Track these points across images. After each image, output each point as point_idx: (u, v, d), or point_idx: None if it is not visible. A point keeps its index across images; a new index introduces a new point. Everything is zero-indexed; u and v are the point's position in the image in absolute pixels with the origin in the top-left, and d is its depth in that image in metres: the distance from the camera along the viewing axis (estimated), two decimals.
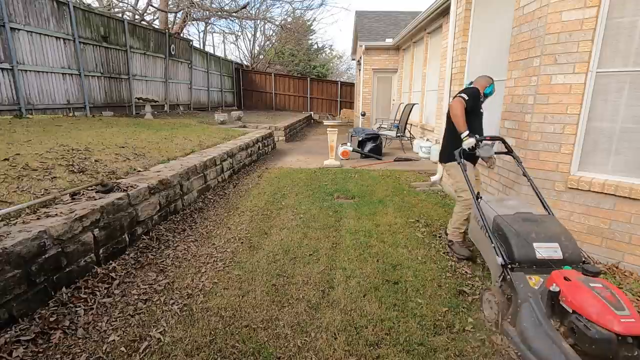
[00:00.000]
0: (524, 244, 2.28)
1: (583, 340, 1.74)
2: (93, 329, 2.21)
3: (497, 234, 2.47)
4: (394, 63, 13.58)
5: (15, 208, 2.60)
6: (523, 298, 2.08)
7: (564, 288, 1.90)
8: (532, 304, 2.03)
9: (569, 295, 1.86)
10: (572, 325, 1.81)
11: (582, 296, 1.81)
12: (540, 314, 1.97)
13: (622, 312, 1.70)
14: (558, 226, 2.46)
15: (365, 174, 6.77)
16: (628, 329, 1.65)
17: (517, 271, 2.22)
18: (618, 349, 1.66)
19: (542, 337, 1.88)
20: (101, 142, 5.08)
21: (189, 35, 23.45)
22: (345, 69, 36.51)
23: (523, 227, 2.37)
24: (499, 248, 2.37)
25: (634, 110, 2.95)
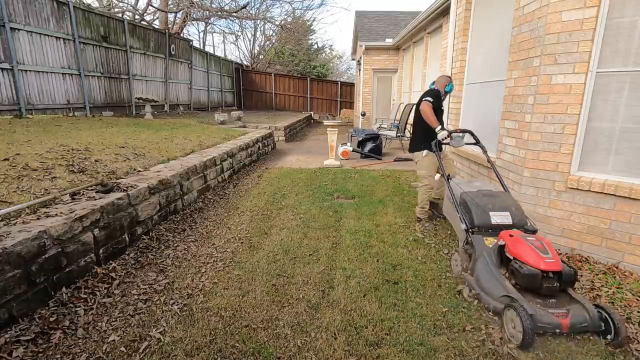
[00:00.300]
0: (482, 213, 2.89)
1: (519, 277, 2.35)
2: (93, 329, 2.21)
3: (462, 207, 3.08)
4: (394, 63, 13.58)
5: (15, 208, 2.60)
6: (479, 253, 2.69)
7: (508, 242, 2.53)
8: (486, 257, 2.65)
9: (511, 246, 2.49)
10: (512, 268, 2.43)
11: (520, 246, 2.43)
12: (491, 263, 2.61)
13: (546, 256, 2.32)
14: (510, 199, 3.06)
15: (365, 174, 6.78)
16: (549, 266, 2.28)
17: (476, 234, 2.82)
18: (542, 281, 2.28)
19: (492, 280, 2.54)
20: (101, 142, 5.08)
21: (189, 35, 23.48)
22: (345, 69, 36.55)
23: (482, 201, 2.98)
24: (464, 217, 2.99)
25: (634, 110, 2.95)
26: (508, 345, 2.14)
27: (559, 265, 2.31)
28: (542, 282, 2.29)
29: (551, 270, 2.29)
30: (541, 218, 3.48)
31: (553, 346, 2.14)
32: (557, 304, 2.29)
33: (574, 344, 2.16)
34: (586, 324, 2.15)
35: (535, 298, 2.32)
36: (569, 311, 2.20)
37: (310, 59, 29.15)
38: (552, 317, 2.16)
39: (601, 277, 2.90)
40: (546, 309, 2.22)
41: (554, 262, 2.30)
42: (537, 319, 2.12)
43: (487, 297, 2.48)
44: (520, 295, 2.29)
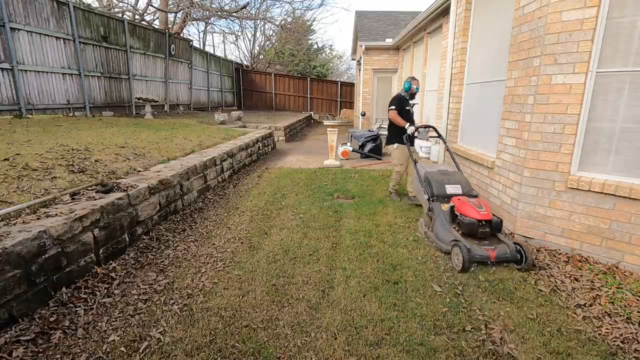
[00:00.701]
0: (440, 186, 3.80)
1: (462, 226, 3.29)
2: (93, 329, 2.21)
3: (426, 182, 3.97)
4: (394, 63, 13.57)
5: (15, 208, 2.60)
6: (437, 215, 3.62)
7: (457, 204, 3.47)
8: (442, 217, 3.57)
9: (458, 206, 3.44)
10: (458, 221, 3.38)
11: (463, 205, 3.38)
12: (446, 221, 3.52)
13: (481, 210, 3.25)
14: (461, 176, 4.00)
15: (365, 174, 6.78)
16: (483, 216, 3.21)
17: (436, 202, 3.71)
18: (478, 227, 3.21)
19: (445, 232, 3.44)
20: (101, 142, 5.08)
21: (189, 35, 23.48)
22: (345, 69, 36.53)
23: (441, 177, 3.90)
24: (427, 190, 3.89)
25: (634, 110, 2.95)
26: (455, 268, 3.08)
27: (490, 216, 3.25)
28: (478, 229, 3.22)
29: (484, 219, 3.21)
30: (541, 218, 3.48)
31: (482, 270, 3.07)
32: (488, 243, 3.21)
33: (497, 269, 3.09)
34: (507, 255, 3.05)
35: (473, 240, 3.22)
36: (496, 247, 3.12)
37: (310, 59, 29.15)
38: (484, 251, 3.06)
39: (601, 277, 2.90)
40: (480, 246, 3.12)
41: (486, 213, 3.24)
42: (473, 252, 3.01)
43: (441, 244, 3.41)
44: (463, 239, 3.19)
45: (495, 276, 2.97)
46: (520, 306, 2.56)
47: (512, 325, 2.34)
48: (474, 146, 5.02)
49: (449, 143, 5.46)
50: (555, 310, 2.52)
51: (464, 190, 3.75)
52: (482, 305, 2.56)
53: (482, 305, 2.57)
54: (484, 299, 2.64)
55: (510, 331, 2.28)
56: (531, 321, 2.38)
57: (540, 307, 2.55)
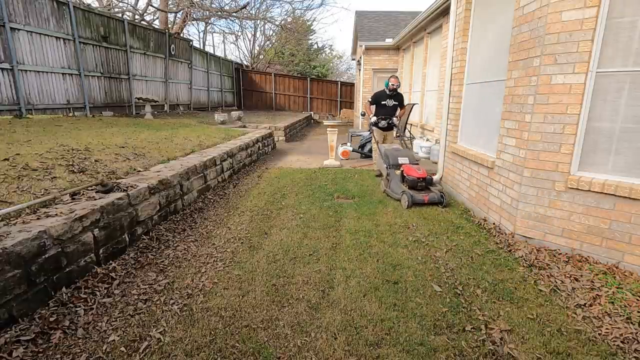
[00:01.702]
0: (394, 158, 5.56)
1: (408, 182, 5.06)
2: (93, 329, 2.21)
3: (385, 156, 5.72)
4: (394, 63, 13.57)
5: (15, 208, 2.60)
6: (392, 177, 5.29)
7: (405, 169, 5.20)
8: (396, 178, 5.24)
9: (406, 170, 5.18)
10: (405, 179, 5.13)
11: (409, 169, 5.13)
12: (398, 181, 5.20)
13: (419, 171, 5.07)
14: (409, 152, 5.88)
15: (365, 174, 6.78)
16: (421, 175, 5.02)
17: (391, 169, 5.42)
18: (417, 182, 5.00)
19: (397, 187, 5.10)
20: (101, 142, 5.08)
21: (189, 35, 23.49)
22: (345, 69, 36.53)
23: (395, 153, 5.70)
24: (386, 161, 5.64)
25: (634, 110, 2.95)
26: None
27: (425, 174, 5.05)
28: (418, 183, 4.98)
29: (421, 177, 4.98)
30: (541, 218, 3.48)
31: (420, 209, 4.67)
32: (423, 193, 4.91)
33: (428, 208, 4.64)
34: (435, 199, 4.81)
35: (415, 191, 4.94)
36: (428, 194, 4.85)
37: (310, 59, 29.15)
38: (421, 197, 4.78)
39: (601, 277, 2.90)
40: (418, 194, 4.82)
41: (422, 173, 5.03)
42: (414, 198, 4.74)
43: (395, 195, 5.05)
44: (408, 190, 4.89)
45: (495, 276, 2.97)
46: (520, 306, 2.56)
47: (512, 325, 2.34)
48: (474, 146, 5.02)
49: (448, 143, 5.50)
50: (555, 310, 2.52)
51: (410, 161, 5.53)
52: (482, 305, 2.56)
53: (482, 305, 2.57)
54: (484, 299, 2.65)
55: (510, 331, 2.29)
56: (531, 321, 2.38)
57: (540, 307, 2.55)
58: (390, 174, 5.31)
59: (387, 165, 5.50)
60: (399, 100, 6.74)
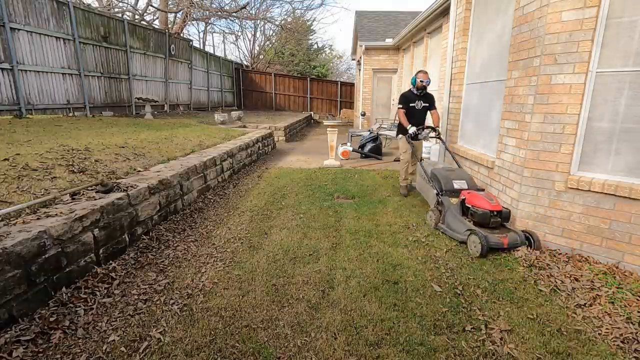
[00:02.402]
0: (448, 182, 4.14)
1: (476, 217, 3.56)
2: (93, 329, 2.21)
3: (433, 179, 4.34)
4: (394, 63, 13.57)
5: (15, 208, 2.60)
6: (447, 208, 3.93)
7: (467, 197, 3.77)
8: (452, 210, 3.88)
9: (469, 199, 3.72)
10: (471, 212, 3.66)
11: (475, 198, 3.66)
12: (457, 213, 3.83)
13: (491, 201, 3.56)
14: (465, 173, 4.37)
15: (365, 174, 6.77)
16: (494, 207, 3.50)
17: (444, 196, 4.04)
18: (490, 217, 3.48)
19: (458, 223, 3.73)
20: (101, 142, 5.08)
21: (189, 35, 23.49)
22: (345, 69, 36.51)
23: (446, 174, 4.23)
24: (435, 185, 4.24)
25: (634, 110, 2.95)
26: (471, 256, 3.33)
27: (500, 207, 3.55)
28: (490, 219, 3.48)
29: (495, 210, 3.50)
30: (541, 218, 3.48)
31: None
32: (499, 232, 3.48)
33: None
34: (518, 241, 3.38)
35: (485, 229, 3.49)
36: (507, 235, 3.41)
37: (310, 59, 29.14)
38: (497, 239, 3.36)
39: (601, 277, 2.90)
40: (493, 235, 3.40)
41: (496, 205, 3.55)
42: (490, 241, 3.31)
43: (455, 234, 3.69)
44: (477, 229, 3.45)
45: (495, 276, 2.97)
46: (521, 306, 2.56)
47: (512, 325, 2.34)
48: (474, 146, 5.02)
49: (448, 143, 5.48)
50: (556, 310, 2.52)
51: (469, 185, 4.10)
52: (482, 305, 2.56)
53: (482, 305, 2.57)
54: (484, 299, 2.65)
55: (510, 331, 2.28)
56: (531, 321, 2.38)
57: (540, 307, 2.55)
58: (444, 203, 3.96)
59: (439, 191, 4.11)
60: (429, 101, 5.22)
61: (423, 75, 5.05)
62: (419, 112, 5.18)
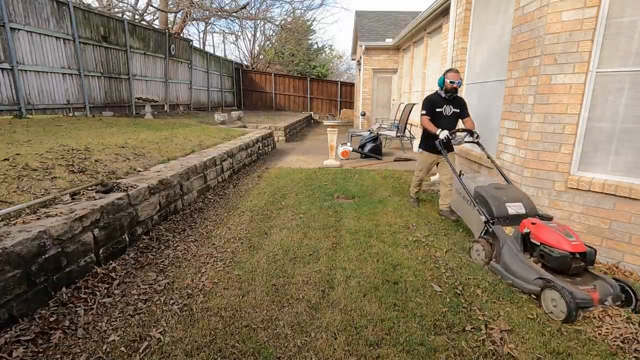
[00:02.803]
0: (500, 205, 3.14)
1: (551, 260, 2.59)
2: (93, 329, 2.21)
3: (478, 200, 3.32)
4: (394, 63, 13.58)
5: (15, 208, 2.60)
6: (503, 242, 2.93)
7: (533, 229, 2.77)
8: (511, 246, 2.88)
9: (537, 233, 2.73)
10: (541, 252, 2.67)
11: (546, 232, 2.68)
12: (516, 250, 2.85)
13: (571, 239, 2.60)
14: (519, 191, 3.35)
15: (365, 174, 6.77)
16: (576, 248, 2.55)
17: (496, 224, 3.06)
18: (571, 261, 2.53)
19: (521, 265, 2.75)
20: (101, 142, 5.08)
21: (189, 35, 23.48)
22: (345, 69, 36.52)
23: (497, 193, 3.24)
24: (483, 210, 3.23)
25: (634, 110, 2.95)
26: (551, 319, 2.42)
27: (584, 247, 2.58)
28: (571, 263, 2.53)
29: (577, 251, 2.55)
30: None
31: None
32: (583, 281, 2.54)
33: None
34: (612, 294, 2.44)
35: (564, 278, 2.55)
36: (595, 286, 2.47)
37: (310, 59, 29.14)
38: (585, 293, 2.40)
39: None
40: (577, 287, 2.45)
41: (579, 244, 2.58)
42: (576, 297, 2.34)
43: (520, 281, 2.70)
44: (552, 276, 2.52)
45: (495, 276, 2.97)
46: (521, 306, 2.55)
47: (512, 325, 2.34)
48: (474, 146, 5.02)
49: None
50: None
51: (527, 210, 3.09)
52: (482, 305, 2.56)
53: (482, 305, 2.57)
54: (484, 299, 2.64)
55: (510, 331, 2.28)
56: (531, 321, 2.38)
57: (540, 307, 2.54)
58: (498, 235, 2.97)
59: (488, 217, 3.14)
60: (460, 106, 4.27)
61: (454, 75, 4.09)
62: (448, 118, 4.22)
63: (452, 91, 4.13)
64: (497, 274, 2.91)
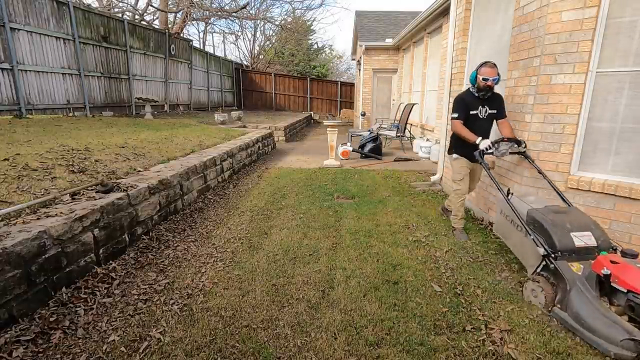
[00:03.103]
0: (564, 234, 2.48)
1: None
2: (93, 329, 2.21)
3: (533, 226, 2.65)
4: (394, 63, 13.58)
5: (15, 208, 2.60)
6: (572, 284, 2.29)
7: (614, 270, 2.12)
8: (581, 287, 2.25)
9: (622, 277, 2.08)
10: (629, 303, 2.04)
11: (637, 276, 2.04)
12: (591, 297, 2.19)
13: None
14: (585, 216, 2.70)
15: (365, 174, 6.78)
16: None
17: (560, 259, 2.42)
18: None
19: (600, 317, 2.09)
20: (101, 142, 5.08)
21: (189, 35, 23.48)
22: (345, 69, 36.52)
23: (558, 219, 2.57)
24: (540, 240, 2.55)
25: (634, 110, 2.95)
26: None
27: None
28: None
29: None
30: None
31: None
32: None
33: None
34: None
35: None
36: None
37: (310, 59, 29.14)
38: None
39: None
40: None
41: None
42: None
43: (600, 340, 2.06)
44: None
45: (495, 276, 2.97)
46: (521, 306, 2.56)
47: (512, 325, 2.34)
48: None
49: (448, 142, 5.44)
50: None
51: (599, 241, 2.47)
52: (482, 305, 2.56)
53: (482, 305, 2.57)
54: (484, 299, 2.65)
55: (510, 331, 2.28)
56: (531, 321, 2.38)
57: None
58: (564, 274, 2.36)
59: (549, 251, 2.50)
60: (496, 105, 3.64)
61: (488, 71, 3.45)
62: (484, 122, 3.63)
63: (487, 89, 3.50)
64: (565, 325, 2.28)
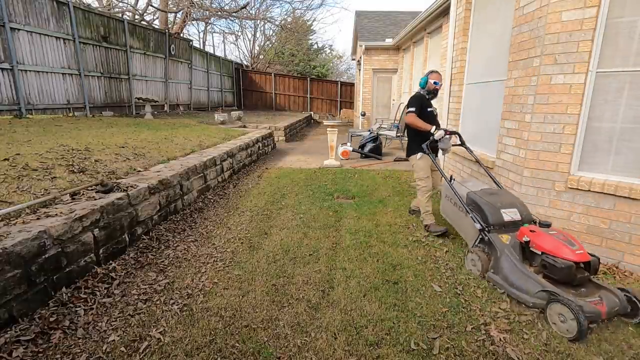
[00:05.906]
0: (495, 211, 2.98)
1: (555, 271, 2.42)
2: (93, 329, 2.21)
3: (472, 206, 3.14)
4: (394, 63, 13.58)
5: (15, 208, 2.60)
6: (501, 251, 2.78)
7: (533, 238, 2.60)
8: (510, 256, 2.72)
9: (537, 242, 2.57)
10: (544, 263, 2.49)
11: (548, 241, 2.53)
12: (515, 260, 2.68)
13: (574, 247, 2.45)
14: (512, 196, 3.21)
15: (365, 174, 6.78)
16: (580, 257, 2.41)
17: (492, 232, 2.91)
18: (575, 272, 2.39)
19: (521, 276, 2.58)
20: (101, 142, 5.08)
21: (189, 35, 23.46)
22: (345, 69, 36.51)
23: (491, 199, 3.07)
24: (477, 217, 3.04)
25: (634, 110, 2.95)
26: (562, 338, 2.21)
27: (588, 256, 2.44)
28: (576, 274, 2.39)
29: (582, 261, 2.41)
30: (541, 218, 3.48)
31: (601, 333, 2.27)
32: (588, 293, 2.38)
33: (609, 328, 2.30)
34: (618, 308, 2.26)
35: (568, 289, 2.38)
36: (602, 298, 2.29)
37: (310, 59, 29.13)
38: (593, 306, 2.21)
39: (601, 277, 2.90)
40: (583, 299, 2.28)
41: (583, 253, 2.43)
42: (586, 311, 2.16)
43: (522, 294, 2.50)
44: (556, 288, 2.35)
45: None
46: (521, 306, 2.55)
47: (512, 325, 2.34)
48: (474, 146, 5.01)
49: None
50: None
51: (523, 215, 2.96)
52: (482, 305, 2.56)
53: (482, 305, 2.57)
54: (484, 299, 2.65)
55: (510, 331, 2.28)
56: (531, 321, 2.38)
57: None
58: (495, 245, 2.83)
59: (483, 225, 2.97)
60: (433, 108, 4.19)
61: (438, 77, 4.00)
62: (433, 119, 4.04)
63: (435, 92, 4.01)
64: (496, 285, 2.73)
